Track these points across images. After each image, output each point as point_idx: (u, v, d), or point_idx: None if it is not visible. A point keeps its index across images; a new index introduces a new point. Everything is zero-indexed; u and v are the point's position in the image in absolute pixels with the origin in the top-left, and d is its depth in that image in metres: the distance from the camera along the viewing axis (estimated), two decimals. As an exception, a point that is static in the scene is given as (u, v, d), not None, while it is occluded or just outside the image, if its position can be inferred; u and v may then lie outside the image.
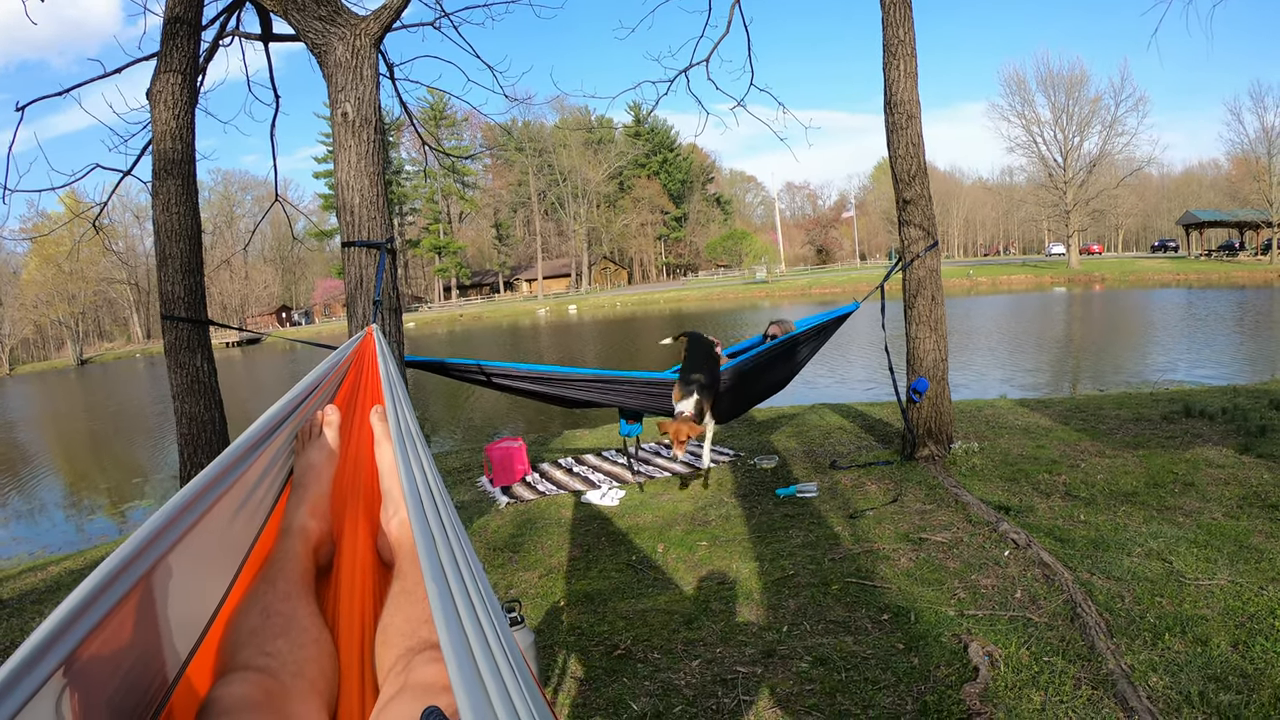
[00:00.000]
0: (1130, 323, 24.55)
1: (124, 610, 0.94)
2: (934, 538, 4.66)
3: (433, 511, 1.29)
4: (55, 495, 13.32)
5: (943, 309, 6.43)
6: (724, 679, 3.33)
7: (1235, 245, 53.98)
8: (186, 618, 1.21)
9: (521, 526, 5.90)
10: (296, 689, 1.23)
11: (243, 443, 1.39)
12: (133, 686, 1.02)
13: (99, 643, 0.87)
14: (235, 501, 1.40)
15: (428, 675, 1.21)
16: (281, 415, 1.59)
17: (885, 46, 6.33)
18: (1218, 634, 3.17)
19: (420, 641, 1.32)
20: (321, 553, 1.63)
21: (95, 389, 39.74)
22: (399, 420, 1.71)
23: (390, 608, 1.45)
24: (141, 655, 1.05)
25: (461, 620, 0.99)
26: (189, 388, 5.63)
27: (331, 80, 4.34)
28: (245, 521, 1.49)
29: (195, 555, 1.20)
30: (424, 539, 1.16)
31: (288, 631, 1.33)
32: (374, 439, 1.87)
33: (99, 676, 0.91)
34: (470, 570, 1.19)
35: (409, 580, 1.48)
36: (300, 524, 1.60)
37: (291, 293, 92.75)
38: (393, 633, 1.38)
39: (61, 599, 2.93)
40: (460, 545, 1.26)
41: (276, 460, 1.65)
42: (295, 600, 1.40)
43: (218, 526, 1.32)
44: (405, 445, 1.58)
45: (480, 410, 16.10)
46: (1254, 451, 5.90)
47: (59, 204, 53.68)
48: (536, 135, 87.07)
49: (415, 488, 1.36)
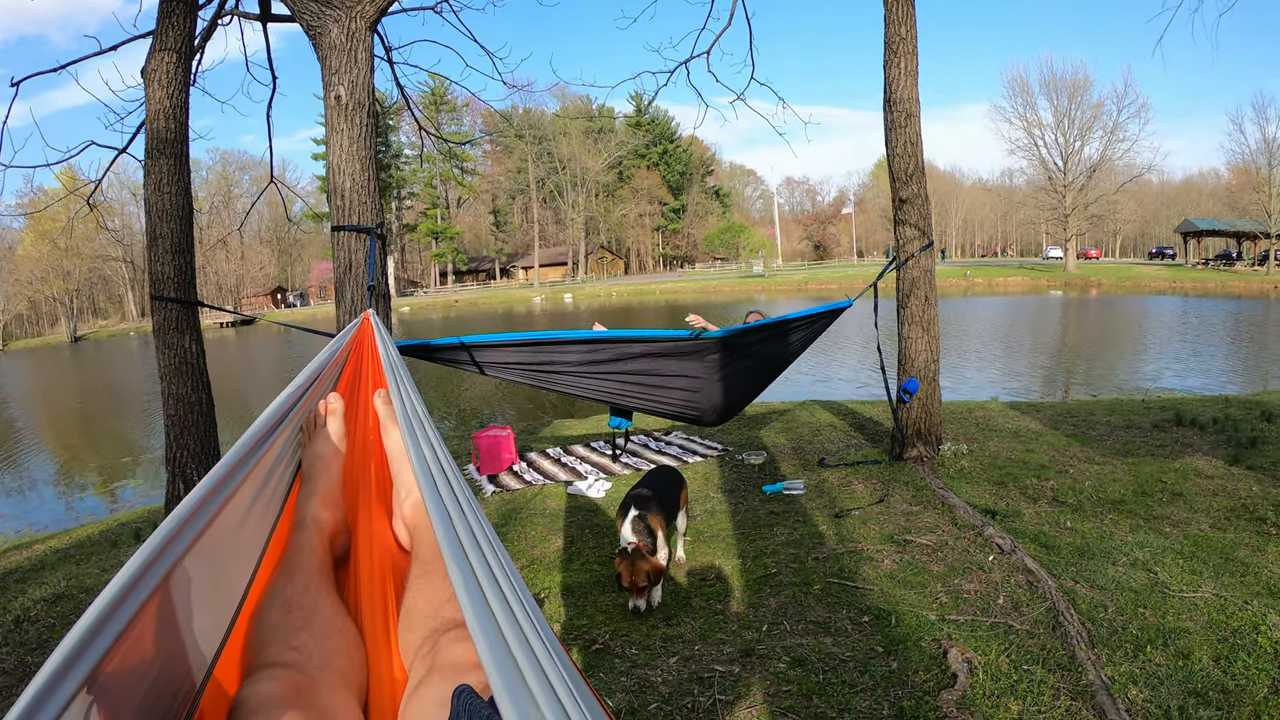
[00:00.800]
0: (1125, 329, 24.56)
1: (144, 620, 0.92)
2: (919, 540, 4.65)
3: (446, 490, 1.28)
4: (44, 473, 13.28)
5: (936, 309, 6.41)
6: (701, 677, 3.31)
7: (1233, 255, 54.01)
8: (208, 620, 1.20)
9: (507, 516, 5.88)
10: (325, 681, 1.23)
11: (248, 440, 1.37)
12: (160, 694, 1.01)
13: (121, 655, 0.86)
14: (246, 499, 1.38)
15: (455, 654, 1.21)
16: (285, 408, 1.57)
17: (886, 44, 6.29)
18: (1200, 648, 3.15)
19: (445, 621, 1.32)
20: (338, 542, 1.63)
21: (88, 366, 39.65)
22: (404, 403, 1.69)
23: (411, 590, 1.45)
24: (166, 662, 1.04)
25: (486, 596, 0.97)
26: (177, 369, 5.60)
27: (326, 63, 4.30)
28: (258, 519, 1.48)
29: (211, 557, 1.18)
30: (440, 518, 1.14)
31: (311, 624, 1.32)
32: (380, 424, 1.86)
33: (125, 689, 0.90)
34: (490, 545, 1.17)
35: (428, 561, 1.48)
36: (313, 515, 1.59)
37: (287, 274, 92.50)
38: (416, 615, 1.38)
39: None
40: (478, 521, 1.24)
41: (284, 454, 1.64)
42: (315, 592, 1.40)
43: (231, 526, 1.30)
44: (412, 426, 1.56)
45: (470, 398, 16.07)
46: (1244, 463, 5.89)
47: (55, 180, 53.59)
48: (536, 123, 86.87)
49: (427, 468, 1.35)
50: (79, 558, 6.14)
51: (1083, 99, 54.90)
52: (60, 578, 5.50)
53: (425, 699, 1.14)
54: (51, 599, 5.04)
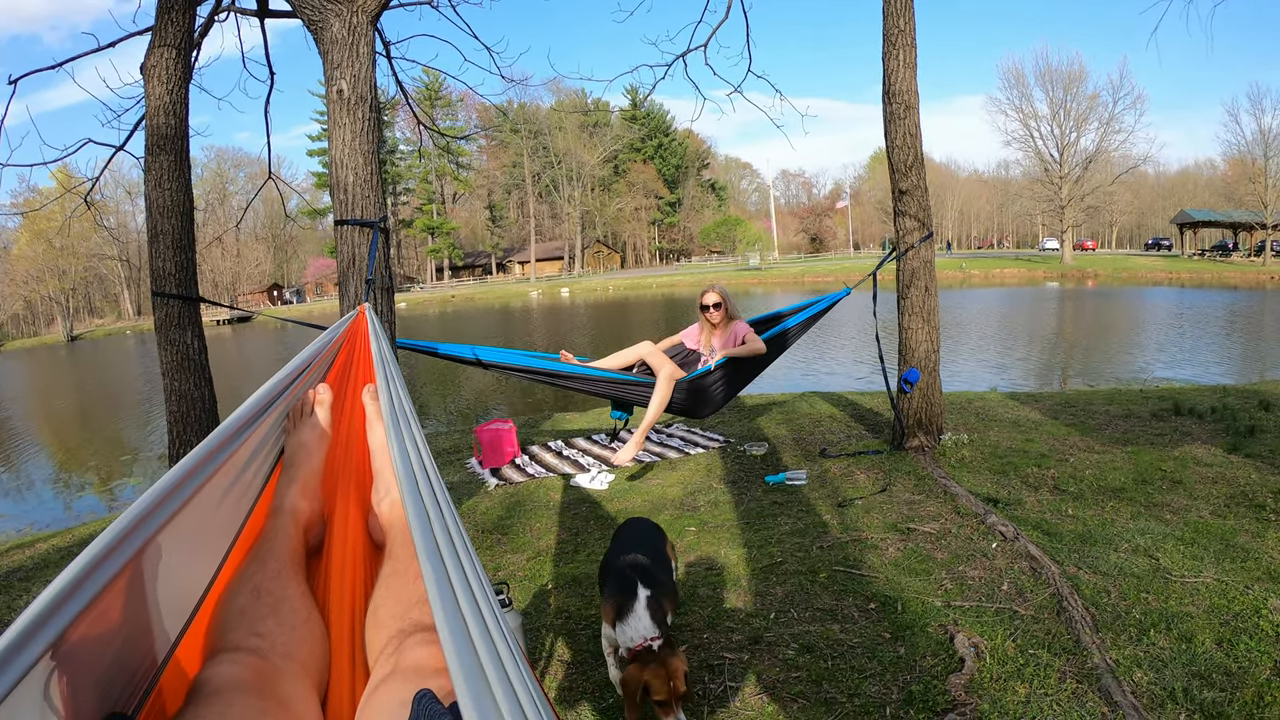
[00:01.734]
0: (1121, 320, 24.62)
1: (113, 592, 0.93)
2: (922, 528, 4.68)
3: (426, 491, 1.29)
4: (43, 472, 13.26)
5: (936, 300, 6.43)
6: (710, 665, 3.33)
7: (1229, 246, 54.15)
8: (176, 598, 1.21)
9: (510, 509, 5.89)
10: (287, 670, 1.23)
11: (233, 422, 1.38)
12: (121, 668, 1.02)
13: (87, 624, 0.87)
14: (225, 481, 1.39)
15: (419, 657, 1.21)
16: (273, 394, 1.58)
17: (885, 36, 6.30)
18: (1202, 631, 3.19)
19: (412, 623, 1.32)
20: (312, 533, 1.62)
21: (85, 366, 39.59)
22: (391, 399, 1.69)
23: (381, 589, 1.45)
24: (130, 636, 1.05)
25: (458, 600, 0.99)
26: (179, 365, 5.60)
27: (327, 57, 4.30)
28: (235, 501, 1.48)
29: (185, 536, 1.19)
30: (418, 519, 1.15)
31: (278, 612, 1.32)
32: (366, 418, 1.86)
33: (88, 658, 0.91)
34: (465, 550, 1.18)
35: (400, 561, 1.48)
36: (291, 504, 1.59)
37: (283, 271, 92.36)
38: (384, 614, 1.38)
39: (49, 577, 2.93)
40: (454, 525, 1.25)
41: (267, 440, 1.64)
42: (285, 580, 1.40)
43: (208, 506, 1.31)
44: (398, 425, 1.57)
45: (470, 392, 16.08)
46: (1242, 451, 5.92)
47: (50, 179, 53.36)
48: (532, 117, 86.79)
49: (409, 467, 1.36)
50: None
51: (1078, 91, 55.04)
52: (64, 575, 5.49)
53: (386, 698, 1.15)
54: (57, 596, 5.03)
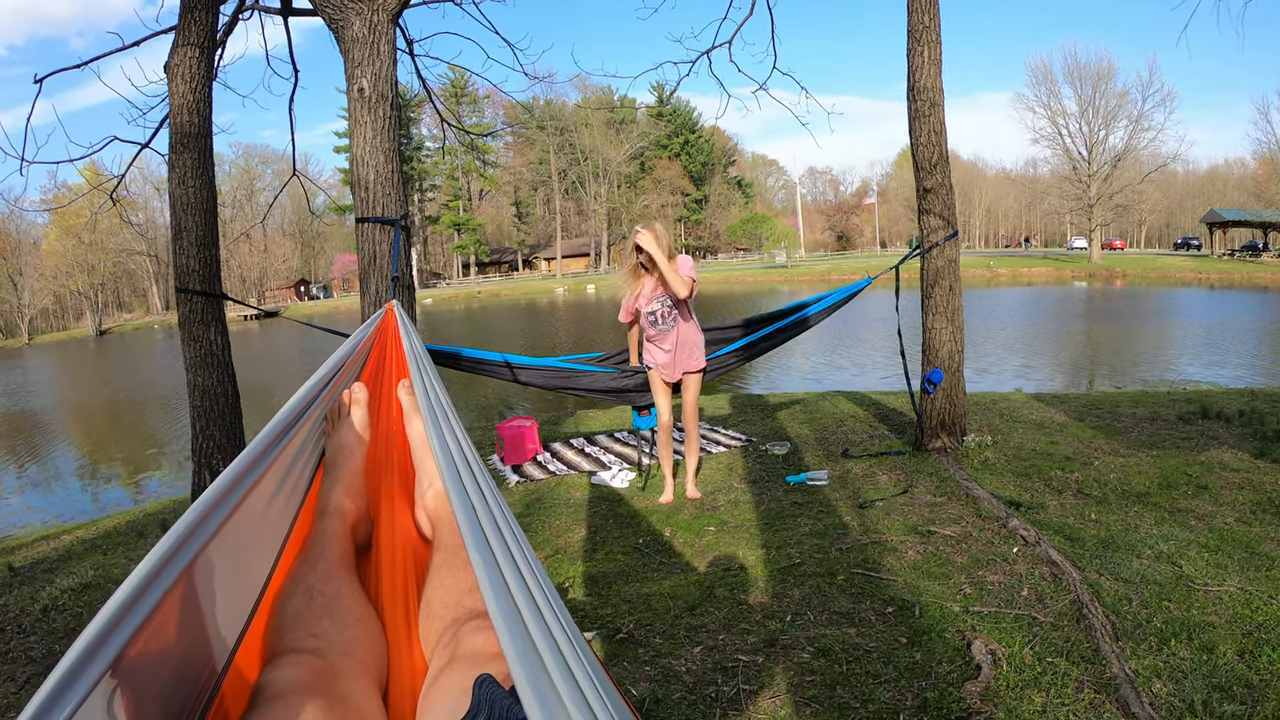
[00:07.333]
0: (1149, 320, 24.31)
1: (168, 606, 0.93)
2: (943, 531, 4.63)
3: (470, 480, 1.28)
4: (70, 464, 13.44)
5: (960, 299, 6.37)
6: (725, 667, 3.32)
7: (1259, 246, 53.23)
8: (231, 606, 1.22)
9: (531, 506, 5.90)
10: (346, 668, 1.24)
11: (272, 429, 1.38)
12: (182, 679, 1.03)
13: (145, 640, 0.87)
14: (270, 488, 1.39)
15: (476, 644, 1.22)
16: (309, 398, 1.58)
17: (910, 32, 6.24)
18: (1224, 642, 3.13)
19: (466, 611, 1.33)
20: (360, 531, 1.64)
21: (113, 359, 40.07)
22: (427, 392, 1.69)
23: (433, 580, 1.46)
24: (189, 648, 1.05)
25: (508, 585, 0.98)
26: (202, 361, 5.66)
27: (348, 55, 4.32)
28: (281, 507, 1.50)
29: (234, 545, 1.19)
30: (463, 508, 1.15)
31: (332, 611, 1.33)
32: (403, 414, 1.88)
33: (148, 673, 0.92)
34: (513, 535, 1.18)
35: (449, 551, 1.49)
36: (336, 504, 1.61)
37: (310, 267, 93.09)
38: (437, 605, 1.39)
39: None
40: (501, 511, 1.24)
41: (308, 444, 1.65)
42: (337, 580, 1.41)
43: (254, 514, 1.32)
44: (436, 417, 1.57)
45: (493, 388, 16.11)
46: (1269, 456, 5.82)
47: (79, 176, 54.06)
48: (558, 114, 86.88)
49: (450, 458, 1.35)
50: (106, 548, 6.23)
51: (1107, 88, 54.41)
52: (88, 567, 5.57)
53: (446, 688, 1.15)
54: (79, 588, 5.11)
